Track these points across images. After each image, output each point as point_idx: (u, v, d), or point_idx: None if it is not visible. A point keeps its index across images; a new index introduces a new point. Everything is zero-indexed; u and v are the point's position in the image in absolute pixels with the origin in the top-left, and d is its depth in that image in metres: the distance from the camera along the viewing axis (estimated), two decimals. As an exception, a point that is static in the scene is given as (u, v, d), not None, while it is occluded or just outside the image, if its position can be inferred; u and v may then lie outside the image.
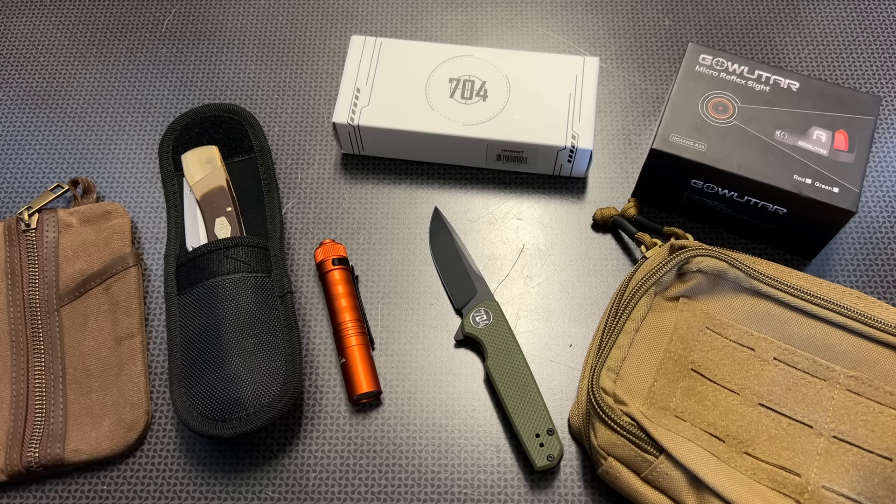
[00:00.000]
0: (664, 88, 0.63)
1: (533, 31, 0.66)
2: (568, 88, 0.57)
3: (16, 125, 0.61)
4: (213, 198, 0.54)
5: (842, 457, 0.43)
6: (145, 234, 0.57)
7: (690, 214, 0.56)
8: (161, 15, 0.67)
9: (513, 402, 0.48)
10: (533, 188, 0.58)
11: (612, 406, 0.44)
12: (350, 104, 0.56)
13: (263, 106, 0.62)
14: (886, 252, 0.55)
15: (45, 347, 0.50)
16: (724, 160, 0.50)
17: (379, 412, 0.50)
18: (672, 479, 0.42)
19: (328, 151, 0.60)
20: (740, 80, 0.52)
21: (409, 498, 0.48)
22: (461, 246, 0.55)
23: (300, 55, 0.65)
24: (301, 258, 0.56)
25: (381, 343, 0.53)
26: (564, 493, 0.48)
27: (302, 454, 0.49)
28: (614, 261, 0.55)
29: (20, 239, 0.53)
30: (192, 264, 0.51)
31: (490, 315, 0.51)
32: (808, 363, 0.45)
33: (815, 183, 0.49)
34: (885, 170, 0.58)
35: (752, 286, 0.47)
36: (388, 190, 0.58)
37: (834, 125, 0.51)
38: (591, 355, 0.48)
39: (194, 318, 0.49)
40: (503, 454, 0.49)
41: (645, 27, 0.66)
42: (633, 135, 0.61)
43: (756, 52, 0.64)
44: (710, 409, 0.45)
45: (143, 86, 0.63)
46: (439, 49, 0.59)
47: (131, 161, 0.60)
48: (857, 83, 0.62)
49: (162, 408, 0.50)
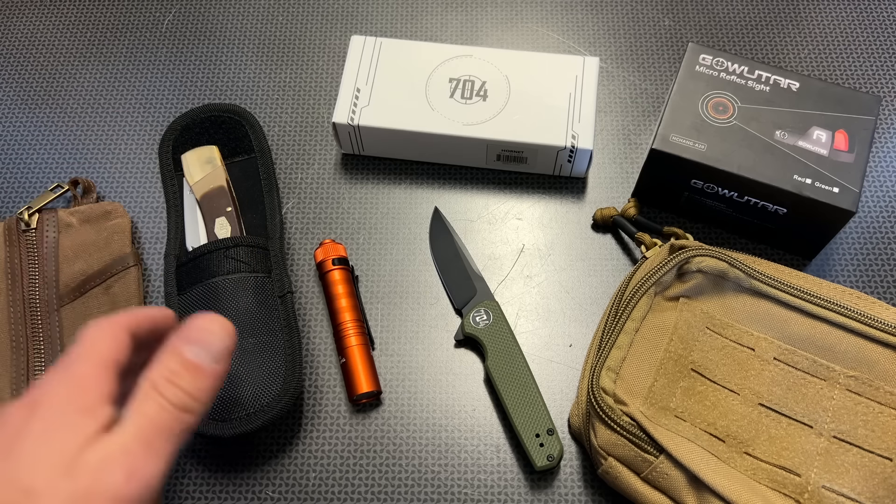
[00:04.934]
0: (664, 88, 0.63)
1: (533, 31, 0.66)
2: (568, 88, 0.57)
3: (16, 125, 0.61)
4: (213, 198, 0.54)
5: (842, 457, 0.43)
6: (145, 234, 0.57)
7: (690, 214, 0.56)
8: (161, 15, 0.67)
9: (513, 402, 0.48)
10: (533, 188, 0.58)
11: (612, 406, 0.44)
12: (350, 104, 0.56)
13: (263, 106, 0.62)
14: (886, 252, 0.55)
15: (45, 347, 0.50)
16: (724, 160, 0.50)
17: (379, 412, 0.50)
18: (672, 479, 0.42)
19: (328, 151, 0.60)
20: (740, 80, 0.52)
21: (409, 498, 0.48)
22: (461, 246, 0.55)
23: (300, 55, 0.65)
24: (301, 258, 0.56)
25: (381, 343, 0.53)
26: (564, 493, 0.48)
27: (302, 454, 0.49)
28: (614, 261, 0.55)
29: (20, 239, 0.53)
30: (192, 264, 0.51)
31: (490, 315, 0.51)
32: (808, 363, 0.45)
33: (815, 183, 0.49)
34: (885, 170, 0.58)
35: (752, 286, 0.47)
36: (388, 190, 0.58)
37: (834, 125, 0.51)
38: (591, 355, 0.48)
39: (194, 318, 0.49)
40: (503, 454, 0.49)
41: (645, 27, 0.66)
42: (633, 135, 0.61)
43: (756, 52, 0.64)
44: (710, 409, 0.45)
45: (143, 86, 0.63)
46: (439, 49, 0.59)
47: (131, 161, 0.60)
48: (857, 83, 0.62)
49: (162, 408, 0.50)
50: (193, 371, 0.31)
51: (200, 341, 0.31)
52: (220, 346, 0.32)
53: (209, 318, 0.32)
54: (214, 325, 0.32)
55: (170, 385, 0.30)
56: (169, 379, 0.30)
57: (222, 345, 0.32)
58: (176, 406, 0.30)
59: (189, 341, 0.31)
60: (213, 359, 0.31)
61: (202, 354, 0.31)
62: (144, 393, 0.30)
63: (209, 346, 0.31)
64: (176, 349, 0.31)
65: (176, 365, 0.31)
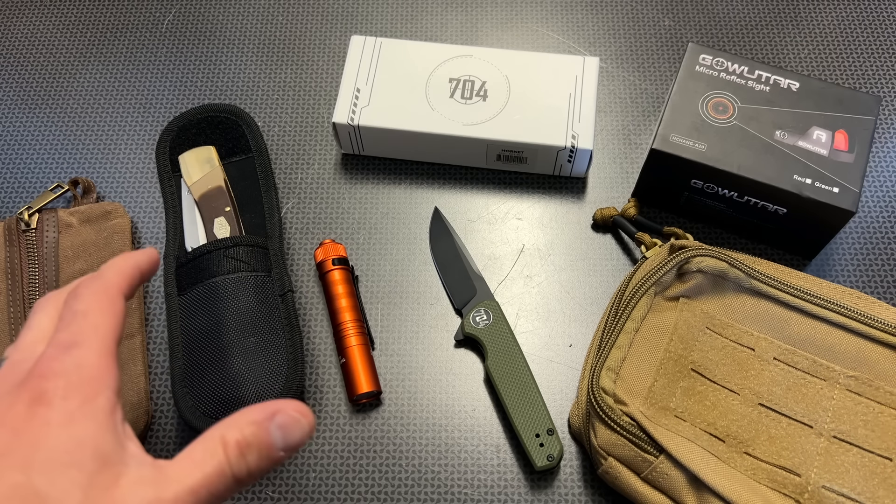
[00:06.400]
0: (664, 88, 0.63)
1: (533, 31, 0.66)
2: (568, 88, 0.57)
3: (16, 125, 0.61)
4: (211, 198, 0.54)
5: (842, 457, 0.42)
6: (145, 234, 0.57)
7: (690, 214, 0.56)
8: (161, 15, 0.67)
9: (513, 402, 0.48)
10: (533, 188, 0.58)
11: (612, 406, 0.44)
12: (350, 104, 0.56)
13: (263, 106, 0.62)
14: (886, 252, 0.55)
15: (44, 347, 0.50)
16: (724, 160, 0.50)
17: (379, 412, 0.50)
18: (672, 479, 0.42)
19: (328, 151, 0.60)
20: (740, 80, 0.52)
21: (409, 498, 0.48)
22: (461, 246, 0.55)
23: (300, 55, 0.65)
24: (301, 258, 0.56)
25: (381, 343, 0.53)
26: (564, 493, 0.48)
27: (302, 454, 0.49)
28: (614, 261, 0.55)
29: (20, 239, 0.53)
30: (191, 264, 0.51)
31: (490, 315, 0.51)
32: (808, 363, 0.45)
33: (815, 183, 0.49)
34: (885, 170, 0.58)
35: (752, 286, 0.47)
36: (388, 190, 0.58)
37: (834, 125, 0.51)
38: (591, 355, 0.48)
39: (195, 317, 0.49)
40: (503, 454, 0.49)
41: (645, 27, 0.66)
42: (633, 135, 0.61)
43: (756, 52, 0.64)
44: (710, 409, 0.45)
45: (143, 86, 0.63)
46: (439, 49, 0.58)
47: (131, 161, 0.60)
48: (857, 83, 0.62)
49: (161, 408, 0.50)
50: (266, 451, 0.29)
51: (287, 428, 0.29)
52: (299, 442, 0.30)
53: (305, 410, 0.30)
54: (306, 419, 0.30)
55: (239, 454, 0.28)
56: (241, 446, 0.28)
57: (301, 441, 0.31)
58: (234, 476, 0.28)
59: (278, 425, 0.29)
60: (286, 448, 0.29)
61: (280, 441, 0.29)
62: (212, 450, 0.28)
63: (291, 437, 0.29)
64: (262, 424, 0.29)
65: (253, 437, 0.28)
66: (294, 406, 0.30)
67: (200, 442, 0.28)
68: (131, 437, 0.28)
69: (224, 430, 0.28)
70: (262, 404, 0.29)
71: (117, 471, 0.26)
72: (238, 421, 0.29)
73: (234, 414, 0.29)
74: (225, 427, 0.29)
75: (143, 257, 0.34)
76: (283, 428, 0.29)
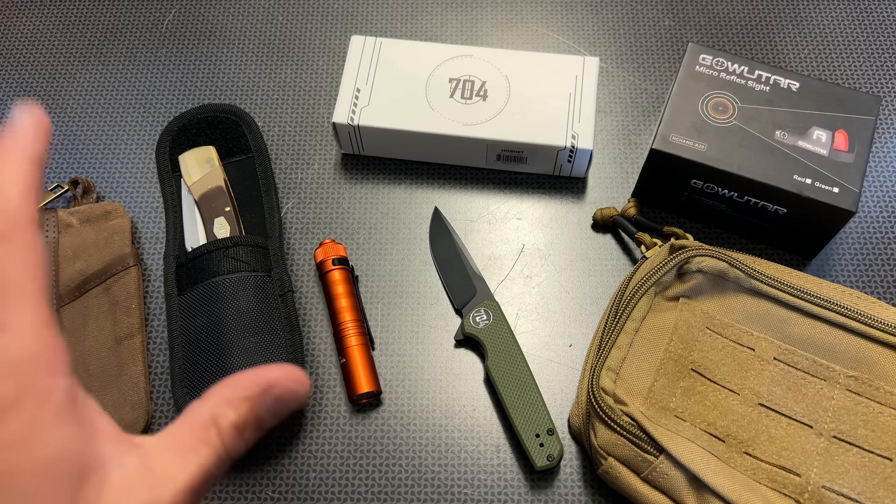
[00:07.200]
0: (664, 88, 0.63)
1: (533, 31, 0.66)
2: (568, 88, 0.57)
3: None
4: (211, 198, 0.54)
5: (842, 457, 0.42)
6: (145, 234, 0.57)
7: (690, 214, 0.56)
8: (161, 15, 0.67)
9: (513, 402, 0.48)
10: (533, 188, 0.58)
11: (612, 406, 0.44)
12: (350, 104, 0.56)
13: (263, 106, 0.62)
14: (886, 252, 0.55)
15: (44, 347, 0.50)
16: (724, 160, 0.50)
17: (379, 412, 0.50)
18: (672, 479, 0.42)
19: (328, 151, 0.60)
20: (740, 80, 0.52)
21: (409, 498, 0.48)
22: (461, 246, 0.55)
23: (300, 55, 0.65)
24: (301, 258, 0.56)
25: (381, 343, 0.53)
26: (564, 493, 0.48)
27: (302, 454, 0.49)
28: (614, 261, 0.55)
29: (20, 239, 0.53)
30: (191, 264, 0.51)
31: (490, 315, 0.51)
32: (808, 363, 0.45)
33: (815, 183, 0.49)
34: (885, 170, 0.58)
35: (752, 286, 0.47)
36: (388, 190, 0.58)
37: (834, 125, 0.51)
38: (591, 355, 0.48)
39: (195, 317, 0.49)
40: (503, 454, 0.49)
41: (645, 27, 0.66)
42: (633, 135, 0.61)
43: (756, 52, 0.64)
44: (710, 409, 0.45)
45: (143, 86, 0.63)
46: (439, 49, 0.58)
47: (131, 161, 0.60)
48: (857, 83, 0.62)
49: (162, 408, 0.50)
50: (263, 425, 0.26)
51: (284, 399, 0.26)
52: (296, 409, 0.27)
53: (300, 377, 0.26)
54: (303, 387, 0.27)
55: (236, 435, 0.25)
56: (237, 427, 0.25)
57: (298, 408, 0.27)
58: (231, 458, 0.25)
59: (276, 397, 0.26)
60: (283, 418, 0.26)
61: (277, 414, 0.26)
62: (204, 436, 0.24)
63: (288, 408, 0.26)
64: (258, 400, 0.25)
65: (250, 414, 0.25)
66: (289, 375, 0.26)
67: (188, 426, 0.24)
68: (95, 412, 0.23)
69: (215, 408, 0.25)
70: (253, 372, 0.26)
71: (98, 477, 0.22)
72: (230, 397, 0.25)
73: (221, 384, 0.25)
74: (215, 405, 0.25)
75: (27, 140, 0.25)
76: (281, 400, 0.26)
